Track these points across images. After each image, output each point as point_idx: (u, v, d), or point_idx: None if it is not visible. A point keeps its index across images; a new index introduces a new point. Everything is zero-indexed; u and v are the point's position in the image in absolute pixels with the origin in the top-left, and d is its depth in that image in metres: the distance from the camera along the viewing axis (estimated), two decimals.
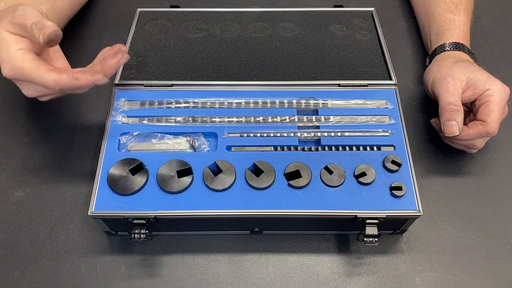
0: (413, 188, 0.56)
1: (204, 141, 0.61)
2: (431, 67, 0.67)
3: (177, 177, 0.56)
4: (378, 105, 0.64)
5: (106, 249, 0.59)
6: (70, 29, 0.83)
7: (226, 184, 0.56)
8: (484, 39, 0.81)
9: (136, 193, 0.55)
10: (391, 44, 0.75)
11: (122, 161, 0.57)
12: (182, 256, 0.58)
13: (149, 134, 0.61)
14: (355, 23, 0.75)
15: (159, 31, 0.73)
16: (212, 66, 0.68)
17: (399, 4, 0.87)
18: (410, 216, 0.55)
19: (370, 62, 0.69)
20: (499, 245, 0.59)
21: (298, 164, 0.57)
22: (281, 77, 0.67)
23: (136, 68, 0.68)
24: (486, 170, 0.65)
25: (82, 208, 0.61)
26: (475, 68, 0.62)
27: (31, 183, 0.64)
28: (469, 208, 0.62)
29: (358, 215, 0.54)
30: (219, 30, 0.74)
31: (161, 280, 0.56)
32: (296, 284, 0.56)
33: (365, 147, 0.60)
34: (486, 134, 0.59)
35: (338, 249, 0.59)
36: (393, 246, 0.59)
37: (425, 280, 0.57)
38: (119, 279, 0.56)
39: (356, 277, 0.57)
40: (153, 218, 0.54)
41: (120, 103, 0.63)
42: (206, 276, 0.57)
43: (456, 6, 0.72)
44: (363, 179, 0.56)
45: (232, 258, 0.58)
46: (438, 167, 0.65)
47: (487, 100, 0.59)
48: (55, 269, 0.57)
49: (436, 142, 0.67)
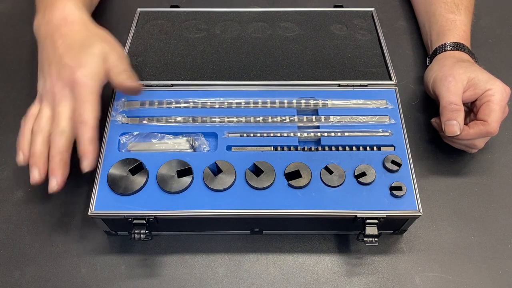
0: (413, 188, 0.56)
1: (204, 141, 0.61)
2: (432, 67, 0.67)
3: (177, 177, 0.56)
4: (378, 105, 0.64)
5: (106, 249, 0.59)
6: None
7: (226, 184, 0.56)
8: (484, 39, 0.81)
9: (136, 193, 0.55)
10: (391, 44, 0.75)
11: (122, 161, 0.57)
12: (182, 256, 0.58)
13: (149, 134, 0.61)
14: (355, 23, 0.75)
15: (159, 31, 0.73)
16: (212, 66, 0.68)
17: (399, 4, 0.87)
18: (410, 216, 0.55)
19: (370, 62, 0.69)
20: (499, 245, 0.59)
21: (298, 164, 0.57)
22: (281, 77, 0.67)
23: (136, 68, 0.68)
24: (486, 170, 0.65)
25: (82, 208, 0.61)
26: (476, 68, 0.62)
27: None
28: (469, 208, 0.62)
29: (358, 215, 0.54)
30: (219, 30, 0.74)
31: (161, 280, 0.56)
32: (296, 284, 0.56)
33: (365, 147, 0.60)
34: (487, 134, 0.59)
35: (338, 249, 0.59)
36: (393, 246, 0.59)
37: (425, 280, 0.57)
38: (119, 279, 0.56)
39: (356, 277, 0.57)
40: (153, 218, 0.54)
41: (120, 103, 0.63)
42: (206, 276, 0.57)
43: (457, 6, 0.72)
44: (363, 179, 0.56)
45: (232, 258, 0.58)
46: (438, 167, 0.65)
47: (488, 100, 0.59)
48: (55, 269, 0.57)
49: (436, 142, 0.67)
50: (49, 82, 0.55)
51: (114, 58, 0.57)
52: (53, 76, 0.55)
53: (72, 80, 0.53)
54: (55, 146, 0.53)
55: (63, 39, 0.56)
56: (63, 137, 0.53)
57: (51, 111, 0.55)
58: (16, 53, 0.79)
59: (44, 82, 0.56)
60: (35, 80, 0.75)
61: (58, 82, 0.55)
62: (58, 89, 0.55)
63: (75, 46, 0.56)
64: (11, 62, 0.78)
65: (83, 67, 0.54)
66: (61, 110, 0.54)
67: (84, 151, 0.52)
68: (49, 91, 0.55)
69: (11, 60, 0.78)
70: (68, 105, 0.54)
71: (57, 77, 0.55)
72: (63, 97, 0.54)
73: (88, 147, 0.52)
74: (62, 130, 0.53)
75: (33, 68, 0.76)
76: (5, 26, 0.84)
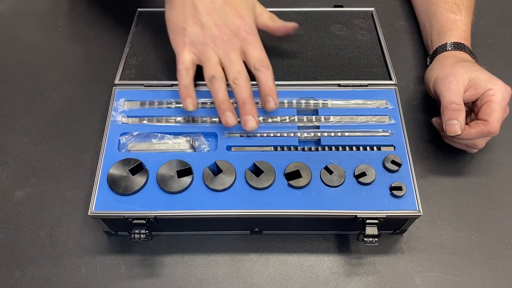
0: (413, 188, 0.56)
1: (204, 141, 0.61)
2: (432, 66, 0.67)
3: (177, 177, 0.56)
4: (378, 105, 0.64)
5: (106, 249, 0.59)
6: (70, 29, 0.84)
7: (226, 184, 0.56)
8: (484, 39, 0.81)
9: (136, 193, 0.55)
10: (391, 44, 0.75)
11: (122, 161, 0.57)
12: (182, 256, 0.58)
13: (149, 134, 0.61)
14: (355, 23, 0.75)
15: (159, 31, 0.73)
16: None
17: (399, 4, 0.87)
18: (410, 216, 0.55)
19: (370, 62, 0.69)
20: (499, 245, 0.59)
21: (298, 164, 0.57)
22: (281, 77, 0.67)
23: (136, 68, 0.68)
24: (486, 170, 0.65)
25: (82, 208, 0.61)
26: (477, 68, 0.62)
27: (31, 183, 0.64)
28: (469, 208, 0.62)
29: (358, 215, 0.54)
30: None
31: (161, 280, 0.56)
32: (296, 284, 0.56)
33: (365, 147, 0.60)
34: (488, 133, 0.59)
35: (338, 249, 0.59)
36: (393, 246, 0.59)
37: (425, 280, 0.57)
38: (119, 279, 0.56)
39: (356, 277, 0.57)
40: (153, 218, 0.54)
41: (120, 103, 0.63)
42: (206, 276, 0.57)
43: (458, 6, 0.72)
44: (363, 179, 0.56)
45: (232, 258, 0.58)
46: (438, 167, 0.65)
47: (489, 99, 0.59)
48: (55, 269, 0.57)
49: (436, 142, 0.67)
50: (215, 31, 0.59)
51: (259, 7, 0.63)
52: (218, 25, 0.59)
53: (238, 28, 0.59)
54: (246, 89, 0.58)
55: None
56: (248, 81, 0.58)
57: (219, 57, 0.59)
58: (16, 53, 0.80)
59: (203, 31, 0.59)
60: (35, 80, 0.75)
61: (224, 29, 0.58)
62: (227, 36, 0.59)
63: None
64: (11, 62, 0.78)
65: (246, 16, 0.59)
66: (235, 57, 0.59)
67: (272, 90, 0.58)
68: (215, 39, 0.59)
69: (11, 60, 0.79)
70: (239, 52, 0.59)
71: (222, 25, 0.58)
72: (234, 44, 0.59)
73: (274, 86, 0.59)
74: (246, 76, 0.58)
75: (33, 68, 0.77)
76: (5, 26, 0.84)
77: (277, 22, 0.64)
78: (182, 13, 0.60)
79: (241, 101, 0.58)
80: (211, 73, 0.58)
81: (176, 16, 0.60)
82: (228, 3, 0.59)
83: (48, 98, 0.73)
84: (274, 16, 0.64)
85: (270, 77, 0.59)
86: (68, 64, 0.78)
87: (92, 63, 0.78)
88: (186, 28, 0.59)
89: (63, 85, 0.75)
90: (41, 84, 0.75)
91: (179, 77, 0.60)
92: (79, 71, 0.77)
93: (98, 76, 0.75)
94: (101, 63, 0.77)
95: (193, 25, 0.59)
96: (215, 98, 0.59)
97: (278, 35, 0.65)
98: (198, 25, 0.59)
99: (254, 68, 0.59)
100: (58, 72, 0.76)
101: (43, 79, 0.76)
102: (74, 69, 0.77)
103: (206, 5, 0.59)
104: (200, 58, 0.60)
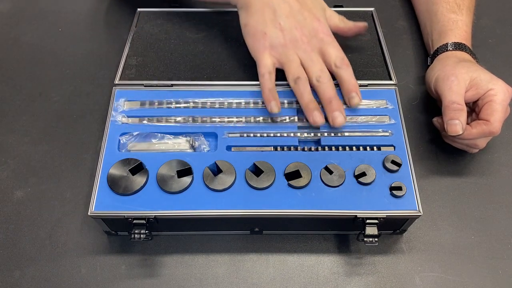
0: (413, 188, 0.56)
1: (204, 141, 0.61)
2: (433, 66, 0.67)
3: (177, 177, 0.56)
4: (378, 105, 0.64)
5: (106, 249, 0.59)
6: (70, 29, 0.84)
7: (226, 184, 0.56)
8: (484, 39, 0.81)
9: (136, 193, 0.55)
10: (391, 44, 0.75)
11: (122, 161, 0.57)
12: (182, 256, 0.58)
13: (149, 134, 0.61)
14: None
15: (159, 31, 0.73)
16: (212, 66, 0.68)
17: (399, 4, 0.87)
18: (410, 216, 0.55)
19: (370, 62, 0.69)
20: (499, 245, 0.59)
21: (298, 164, 0.57)
22: (281, 77, 0.67)
23: (136, 68, 0.68)
24: (486, 170, 0.65)
25: (82, 208, 0.61)
26: (478, 68, 0.62)
27: (31, 183, 0.64)
28: (469, 208, 0.62)
29: (358, 215, 0.54)
30: (219, 30, 0.74)
31: (161, 280, 0.56)
32: (296, 284, 0.56)
33: (365, 147, 0.60)
34: (489, 133, 0.59)
35: (338, 249, 0.59)
36: (393, 246, 0.59)
37: (425, 280, 0.57)
38: (119, 279, 0.56)
39: (356, 277, 0.57)
40: (153, 218, 0.54)
41: (120, 103, 0.63)
42: (206, 276, 0.57)
43: (459, 6, 0.72)
44: (363, 179, 0.56)
45: (232, 258, 0.58)
46: (438, 167, 0.65)
47: (490, 99, 0.59)
48: (55, 269, 0.57)
49: (436, 142, 0.67)
50: (295, 33, 0.61)
51: (329, 10, 0.66)
52: (298, 28, 0.61)
53: (316, 30, 0.61)
54: (331, 87, 0.60)
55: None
56: (331, 80, 0.60)
57: (300, 59, 0.61)
58: (16, 53, 0.80)
59: (283, 34, 0.61)
60: (35, 80, 0.75)
61: (303, 31, 0.61)
62: (306, 38, 0.61)
63: (307, 1, 0.63)
64: (11, 62, 0.78)
65: (321, 18, 0.63)
66: (316, 58, 0.61)
67: (355, 86, 0.61)
68: (295, 41, 0.61)
69: (11, 60, 0.79)
70: (318, 52, 0.62)
71: (301, 28, 0.61)
72: (313, 45, 0.61)
73: (356, 83, 0.61)
74: (328, 74, 0.61)
75: (33, 68, 0.77)
76: (5, 26, 0.84)
77: (347, 23, 0.66)
78: (262, 18, 0.61)
79: (327, 99, 0.60)
80: (295, 75, 0.60)
81: (255, 21, 0.62)
82: (304, 7, 0.62)
83: (48, 98, 0.73)
84: (343, 18, 0.67)
85: (351, 74, 0.61)
86: (68, 64, 0.78)
87: (92, 63, 0.78)
88: (267, 32, 0.61)
89: (63, 85, 0.75)
90: (41, 84, 0.75)
91: (263, 81, 0.61)
92: (79, 71, 0.77)
93: (98, 76, 0.75)
94: (101, 63, 0.77)
95: (273, 29, 0.61)
96: (301, 99, 0.60)
97: (349, 35, 0.68)
98: (278, 28, 0.61)
99: (335, 67, 0.61)
100: (58, 72, 0.76)
101: (43, 79, 0.76)
102: (74, 69, 0.77)
103: (285, 10, 0.61)
104: (281, 61, 0.61)
